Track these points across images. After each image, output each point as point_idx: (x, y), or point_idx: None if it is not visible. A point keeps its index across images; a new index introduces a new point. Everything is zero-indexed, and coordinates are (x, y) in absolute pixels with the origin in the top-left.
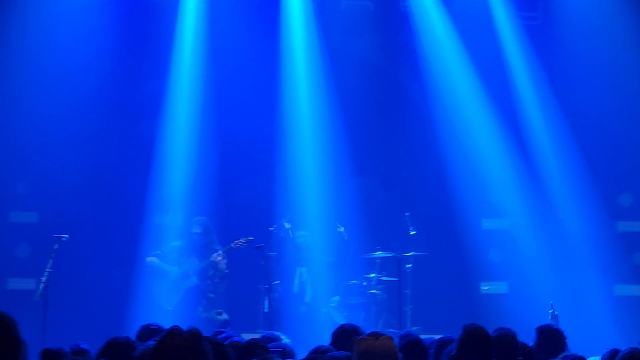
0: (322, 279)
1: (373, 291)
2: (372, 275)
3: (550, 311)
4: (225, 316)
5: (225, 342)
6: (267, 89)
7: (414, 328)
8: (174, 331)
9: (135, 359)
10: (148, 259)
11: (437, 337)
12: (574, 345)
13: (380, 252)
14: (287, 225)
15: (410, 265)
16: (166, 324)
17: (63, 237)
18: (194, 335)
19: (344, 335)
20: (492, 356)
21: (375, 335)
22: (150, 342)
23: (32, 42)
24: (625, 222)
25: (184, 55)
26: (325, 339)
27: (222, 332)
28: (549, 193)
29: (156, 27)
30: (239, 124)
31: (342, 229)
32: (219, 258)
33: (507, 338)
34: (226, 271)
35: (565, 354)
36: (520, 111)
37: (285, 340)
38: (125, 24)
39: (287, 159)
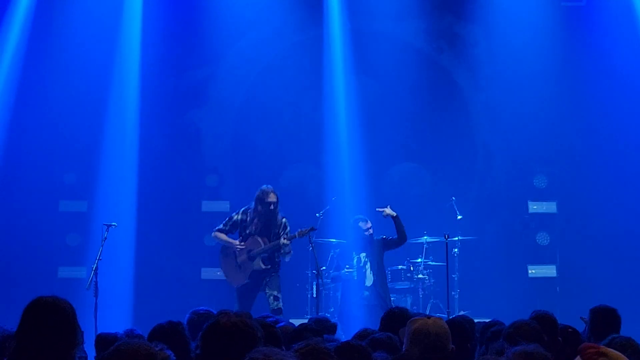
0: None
1: (420, 276)
2: (419, 260)
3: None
4: (279, 304)
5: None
6: (311, 74)
7: (462, 312)
8: (224, 313)
9: None
10: (213, 234)
11: (485, 320)
12: (626, 329)
13: (427, 237)
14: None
15: (457, 250)
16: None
17: (112, 224)
18: (243, 317)
19: (394, 318)
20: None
21: (427, 316)
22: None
23: (78, 32)
24: None
25: (229, 44)
26: None
27: (269, 317)
28: (597, 175)
29: (201, 15)
30: (285, 110)
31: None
32: (286, 241)
33: (544, 319)
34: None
35: (614, 335)
36: (565, 92)
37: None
38: (171, 13)
39: (333, 145)
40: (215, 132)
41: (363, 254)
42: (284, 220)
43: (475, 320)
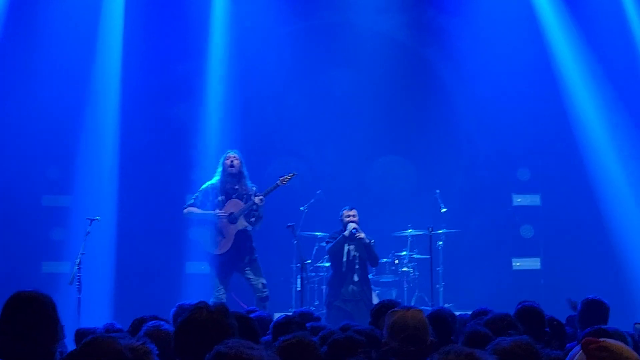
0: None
1: (405, 269)
2: (403, 253)
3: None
4: (266, 292)
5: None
6: (294, 68)
7: (447, 305)
8: (201, 306)
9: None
10: (186, 210)
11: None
12: (610, 320)
13: (411, 230)
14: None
15: (441, 243)
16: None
17: (96, 218)
18: (220, 310)
19: (384, 310)
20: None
21: (406, 307)
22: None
23: (60, 25)
24: None
25: (214, 38)
26: None
27: (254, 311)
28: (581, 167)
29: (185, 9)
30: (269, 104)
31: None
32: (259, 199)
33: (531, 310)
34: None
35: (601, 326)
36: (550, 82)
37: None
38: (154, 6)
39: (317, 138)
40: (199, 126)
41: (352, 247)
42: (254, 188)
43: (460, 313)
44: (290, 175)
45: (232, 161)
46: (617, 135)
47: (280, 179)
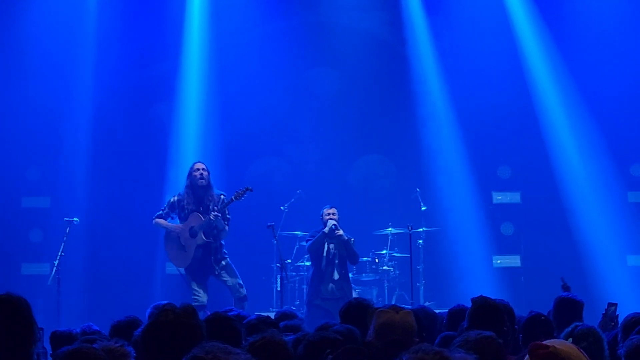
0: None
1: (385, 268)
2: (384, 251)
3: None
4: (243, 292)
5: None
6: (276, 67)
7: (427, 303)
8: (168, 308)
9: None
10: (154, 221)
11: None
12: (587, 316)
13: (391, 229)
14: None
15: (422, 241)
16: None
17: (74, 220)
18: (187, 311)
19: (352, 310)
20: (503, 324)
21: (395, 309)
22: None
23: (38, 26)
24: (636, 193)
25: (193, 37)
26: None
27: (230, 310)
28: (560, 165)
29: (165, 8)
30: (250, 104)
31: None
32: (214, 215)
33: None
34: (228, 216)
35: (576, 323)
36: (530, 81)
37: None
38: (132, 5)
39: (299, 138)
40: (179, 126)
41: (332, 245)
42: (222, 196)
43: (440, 311)
44: (244, 189)
45: (201, 174)
46: (596, 131)
47: (235, 193)
